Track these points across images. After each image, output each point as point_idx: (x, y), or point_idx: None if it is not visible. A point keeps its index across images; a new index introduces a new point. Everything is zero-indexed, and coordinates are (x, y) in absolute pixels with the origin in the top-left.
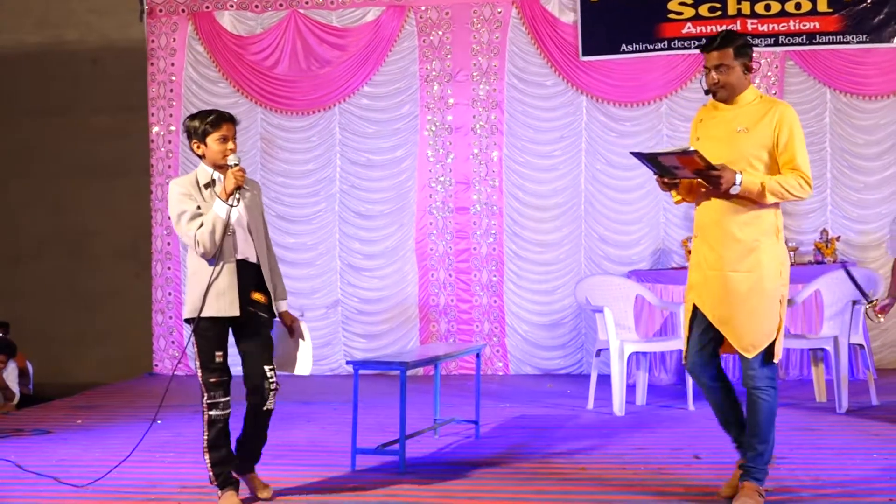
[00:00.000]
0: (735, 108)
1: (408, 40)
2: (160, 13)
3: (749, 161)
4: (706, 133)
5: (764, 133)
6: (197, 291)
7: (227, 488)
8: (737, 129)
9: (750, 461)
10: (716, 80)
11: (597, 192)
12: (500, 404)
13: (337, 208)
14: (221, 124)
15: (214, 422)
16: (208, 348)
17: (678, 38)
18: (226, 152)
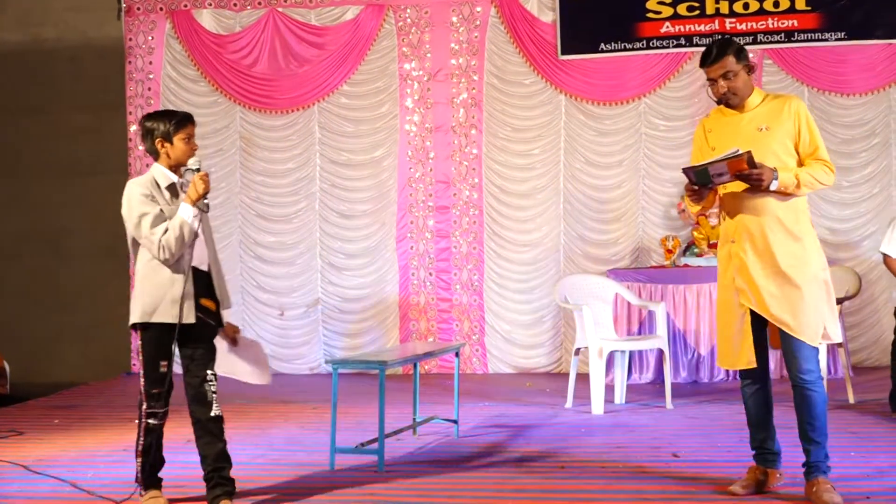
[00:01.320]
0: (747, 111)
1: (387, 39)
2: (138, 11)
3: (778, 157)
4: (722, 140)
5: (786, 128)
6: (148, 295)
7: (150, 489)
8: (758, 129)
9: (815, 457)
10: (725, 88)
11: (576, 190)
12: (479, 403)
13: (317, 207)
14: (187, 124)
15: (151, 430)
16: (155, 357)
17: (657, 37)
18: (191, 153)
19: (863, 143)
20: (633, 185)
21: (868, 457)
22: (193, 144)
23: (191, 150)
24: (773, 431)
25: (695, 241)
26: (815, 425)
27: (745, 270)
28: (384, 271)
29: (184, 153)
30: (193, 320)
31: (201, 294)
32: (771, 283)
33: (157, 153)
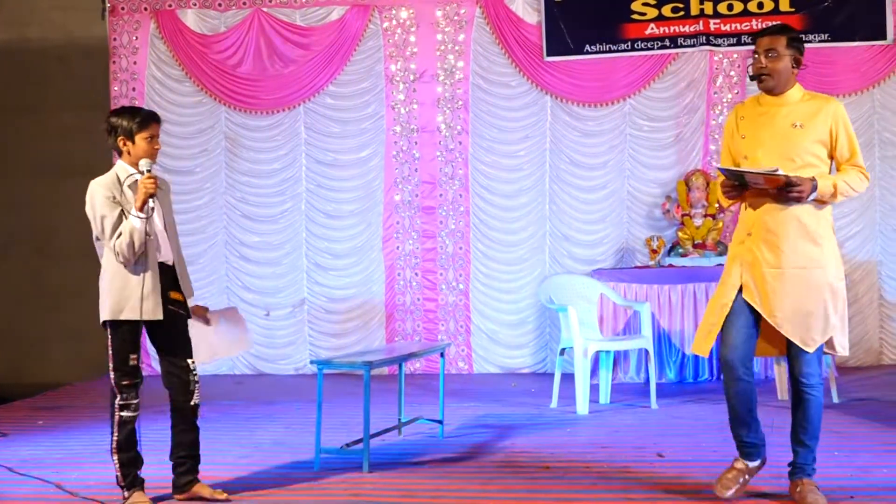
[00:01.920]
0: (784, 105)
1: (372, 40)
2: (122, 11)
3: (805, 157)
4: (753, 130)
5: (821, 130)
6: (116, 293)
7: (134, 489)
8: (792, 125)
9: (802, 458)
10: (763, 65)
11: (561, 191)
12: (464, 403)
13: (303, 207)
14: (150, 123)
15: (125, 423)
16: (124, 351)
17: (641, 38)
18: (153, 151)
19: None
20: (617, 185)
21: (852, 456)
22: (156, 144)
23: (153, 149)
24: (754, 425)
25: (679, 241)
26: (808, 428)
27: (756, 267)
28: (370, 271)
29: (145, 152)
30: (161, 317)
31: (170, 287)
32: (779, 283)
33: (120, 150)
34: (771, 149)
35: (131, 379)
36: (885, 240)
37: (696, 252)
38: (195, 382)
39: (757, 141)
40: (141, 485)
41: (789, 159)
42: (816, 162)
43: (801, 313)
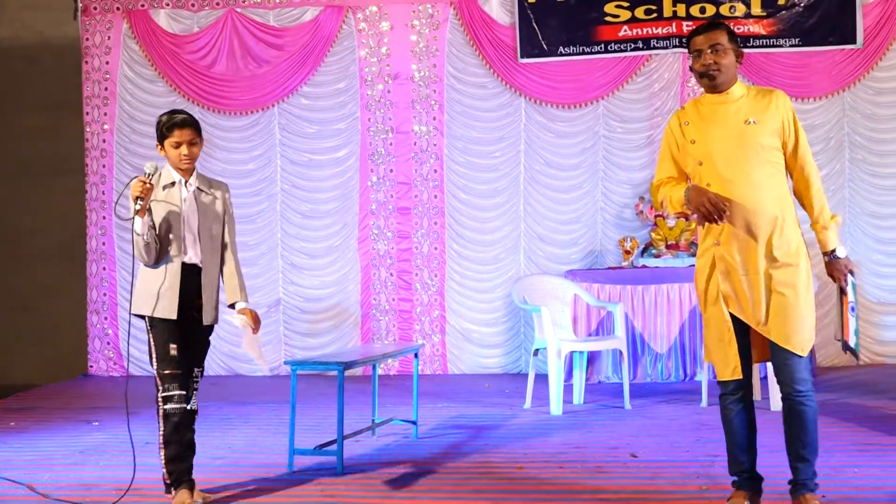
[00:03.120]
0: (730, 102)
1: (347, 40)
2: (95, 11)
3: (762, 154)
4: (703, 133)
5: (773, 122)
6: (138, 288)
7: (180, 486)
8: (745, 122)
9: (803, 475)
10: (711, 60)
11: (535, 192)
12: (438, 404)
13: (279, 208)
14: (174, 129)
15: (169, 416)
16: (162, 341)
17: (615, 40)
18: (182, 158)
19: (819, 146)
20: (591, 186)
21: (824, 456)
22: (183, 149)
23: (179, 154)
24: (755, 454)
25: (652, 242)
26: (807, 441)
27: (733, 275)
28: (346, 272)
29: (175, 158)
30: (174, 317)
31: (195, 292)
32: (756, 286)
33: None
34: (726, 149)
35: (173, 368)
36: (855, 241)
37: (670, 253)
38: (193, 389)
39: (709, 143)
40: (190, 484)
41: (747, 158)
42: (775, 154)
43: (783, 315)
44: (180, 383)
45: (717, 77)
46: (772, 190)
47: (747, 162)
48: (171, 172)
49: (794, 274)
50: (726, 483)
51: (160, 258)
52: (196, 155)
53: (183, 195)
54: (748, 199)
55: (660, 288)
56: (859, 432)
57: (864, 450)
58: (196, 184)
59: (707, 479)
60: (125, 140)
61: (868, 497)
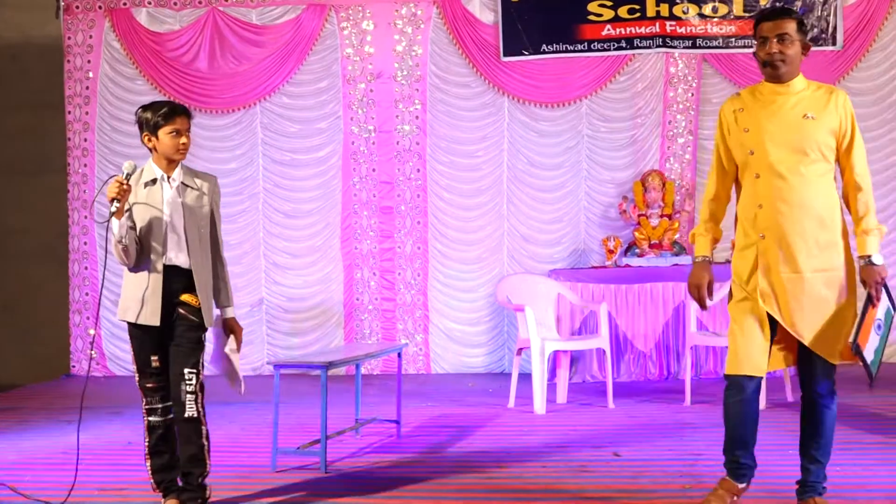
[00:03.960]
0: (790, 94)
1: (329, 39)
2: (77, 10)
3: (816, 151)
4: (759, 123)
5: (832, 120)
6: (123, 294)
7: (170, 496)
8: (804, 116)
9: (814, 477)
10: (776, 49)
11: (519, 191)
12: (421, 403)
13: (261, 207)
14: (175, 117)
15: (153, 428)
16: (142, 352)
17: (598, 39)
18: (178, 147)
19: None
20: (574, 185)
21: None
22: (182, 138)
23: (178, 143)
24: (752, 446)
25: (636, 241)
26: (821, 443)
27: (773, 271)
28: (328, 271)
29: (172, 147)
30: (157, 323)
31: (179, 292)
32: (799, 290)
33: (149, 148)
34: (781, 141)
35: (155, 381)
36: None
37: (653, 252)
38: (188, 393)
39: (763, 133)
40: (177, 491)
41: (801, 152)
42: (827, 152)
43: (822, 321)
44: (162, 395)
45: (780, 67)
46: (822, 189)
47: (800, 157)
48: (154, 168)
49: (837, 280)
50: (710, 482)
51: (141, 261)
52: (189, 146)
53: (166, 193)
54: (797, 194)
55: (643, 287)
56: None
57: (843, 448)
58: (180, 179)
59: (690, 478)
60: (106, 139)
61: (850, 495)
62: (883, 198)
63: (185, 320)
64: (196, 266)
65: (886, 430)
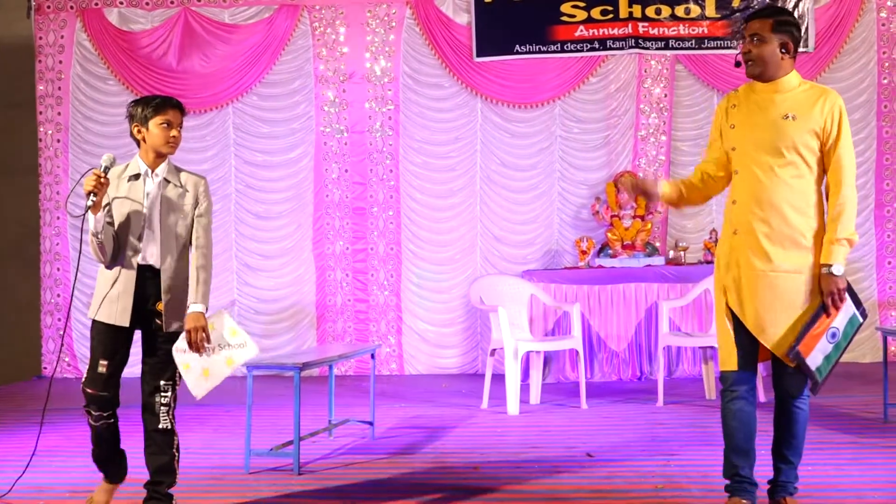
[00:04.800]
0: (778, 93)
1: (302, 39)
2: (48, 10)
3: (792, 152)
4: (744, 119)
5: (814, 121)
6: (96, 292)
7: (106, 480)
8: (783, 116)
9: (785, 476)
10: (745, 49)
11: (492, 192)
12: (395, 404)
13: (232, 208)
14: (167, 109)
15: (93, 427)
16: (95, 355)
17: (571, 40)
18: (169, 139)
19: None
20: (547, 186)
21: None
22: (173, 132)
23: (168, 136)
24: (753, 459)
25: (609, 242)
26: (793, 444)
27: (735, 268)
28: (300, 272)
29: (162, 139)
30: (126, 323)
31: (153, 296)
32: (759, 286)
33: (138, 141)
34: (759, 139)
35: (96, 389)
36: None
37: (626, 253)
38: (162, 405)
39: (747, 130)
40: (114, 477)
41: (777, 152)
42: (809, 155)
43: (781, 321)
44: (99, 405)
45: (749, 67)
46: (795, 191)
47: (775, 157)
48: (139, 163)
49: (800, 283)
50: (682, 482)
51: (116, 258)
52: (180, 141)
53: (147, 188)
54: (768, 193)
55: (616, 288)
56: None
57: (817, 448)
58: (164, 175)
59: (663, 479)
60: (78, 139)
61: (822, 495)
62: None
63: (161, 332)
64: (164, 266)
65: (858, 430)
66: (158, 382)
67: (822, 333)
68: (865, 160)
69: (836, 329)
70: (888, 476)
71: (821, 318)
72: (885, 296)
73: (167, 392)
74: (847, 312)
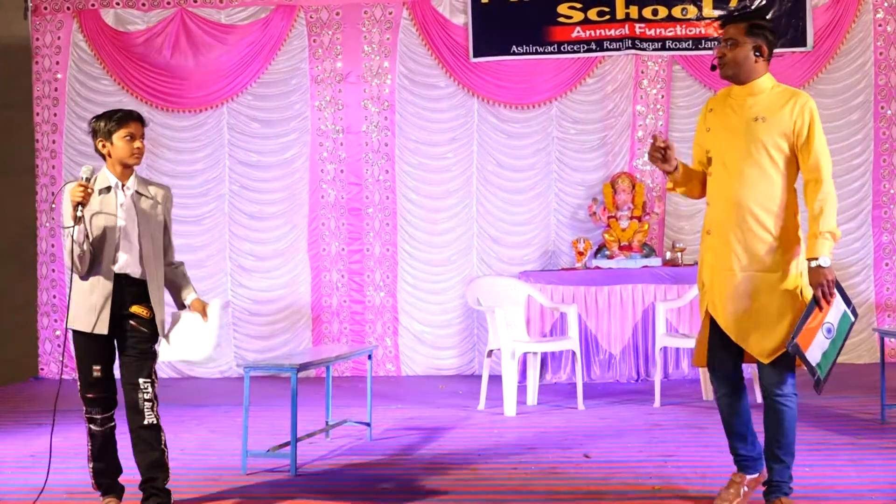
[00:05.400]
0: (751, 96)
1: (298, 40)
2: (45, 10)
3: (762, 155)
4: (719, 123)
5: (784, 122)
6: (74, 303)
7: (109, 495)
8: (754, 119)
9: (777, 475)
10: (721, 53)
11: (488, 193)
12: (392, 405)
13: (227, 209)
14: (129, 122)
15: (94, 435)
16: (85, 362)
17: (568, 41)
18: (133, 151)
19: None
20: (544, 187)
21: None
22: (136, 143)
23: (132, 148)
24: (750, 437)
25: (605, 243)
26: (783, 442)
27: (712, 268)
28: (296, 273)
29: (127, 151)
30: (105, 331)
31: (129, 302)
32: (732, 285)
33: (103, 155)
34: (731, 142)
35: (96, 392)
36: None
37: (623, 254)
38: (146, 402)
39: (721, 133)
40: (117, 492)
41: (747, 153)
42: (778, 156)
43: (754, 321)
44: (103, 406)
45: (724, 70)
46: (765, 192)
47: (745, 158)
48: (108, 176)
49: (771, 282)
50: (679, 483)
51: (92, 268)
52: (143, 151)
53: (120, 200)
54: (738, 194)
55: (613, 289)
56: (807, 431)
57: (813, 448)
58: (135, 187)
59: (660, 480)
60: (74, 141)
61: (820, 496)
62: (849, 196)
63: (137, 332)
64: (149, 276)
65: (855, 431)
66: (137, 380)
67: (817, 327)
68: (863, 162)
69: (831, 324)
70: (885, 477)
71: (814, 311)
72: (882, 297)
73: (147, 388)
74: (839, 308)
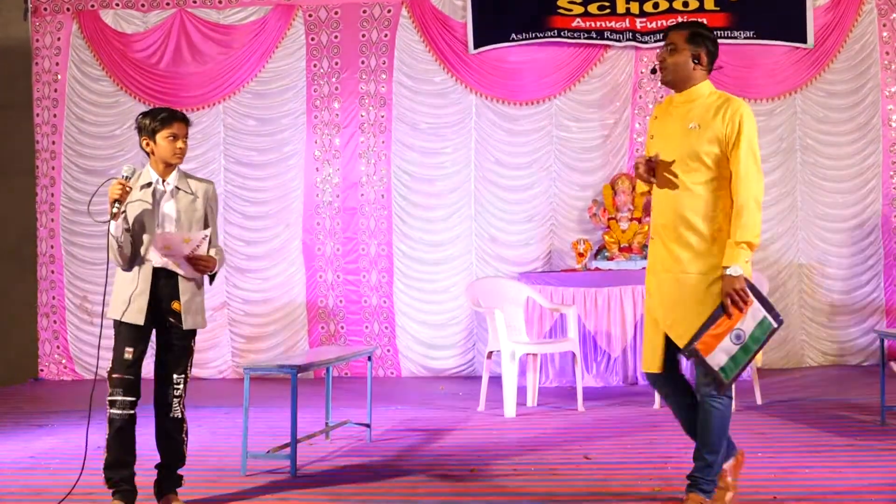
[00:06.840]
0: (689, 102)
1: (295, 38)
2: (45, 12)
3: (698, 157)
4: (661, 131)
5: (716, 129)
6: (114, 292)
7: (116, 497)
8: (689, 126)
9: (697, 471)
10: (662, 58)
11: (487, 191)
12: (391, 407)
13: (221, 209)
14: (173, 122)
15: (112, 420)
16: (120, 345)
17: (568, 29)
18: (175, 150)
19: (771, 148)
20: (544, 186)
21: (775, 457)
22: (179, 143)
23: (175, 148)
24: None
25: (606, 244)
26: (706, 441)
27: (654, 271)
28: (290, 273)
29: (169, 150)
30: (142, 322)
31: (169, 297)
32: (669, 287)
33: (147, 153)
34: (667, 149)
35: (122, 373)
36: (807, 244)
37: (623, 255)
38: (174, 397)
39: (661, 140)
40: (126, 495)
41: (682, 160)
42: (712, 163)
43: (686, 321)
44: (126, 388)
45: (663, 74)
46: (701, 198)
47: (681, 165)
48: (150, 172)
49: (699, 284)
50: (679, 484)
51: (134, 261)
52: (186, 151)
53: (159, 196)
54: (674, 201)
55: (613, 290)
56: (808, 433)
57: (814, 450)
58: (175, 182)
59: (660, 481)
60: (73, 142)
61: (819, 498)
62: (859, 202)
63: (176, 328)
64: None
65: (855, 433)
66: (172, 374)
67: (724, 334)
68: (871, 165)
69: (742, 331)
70: (885, 479)
71: (721, 318)
72: (893, 301)
73: (180, 385)
74: (755, 317)
